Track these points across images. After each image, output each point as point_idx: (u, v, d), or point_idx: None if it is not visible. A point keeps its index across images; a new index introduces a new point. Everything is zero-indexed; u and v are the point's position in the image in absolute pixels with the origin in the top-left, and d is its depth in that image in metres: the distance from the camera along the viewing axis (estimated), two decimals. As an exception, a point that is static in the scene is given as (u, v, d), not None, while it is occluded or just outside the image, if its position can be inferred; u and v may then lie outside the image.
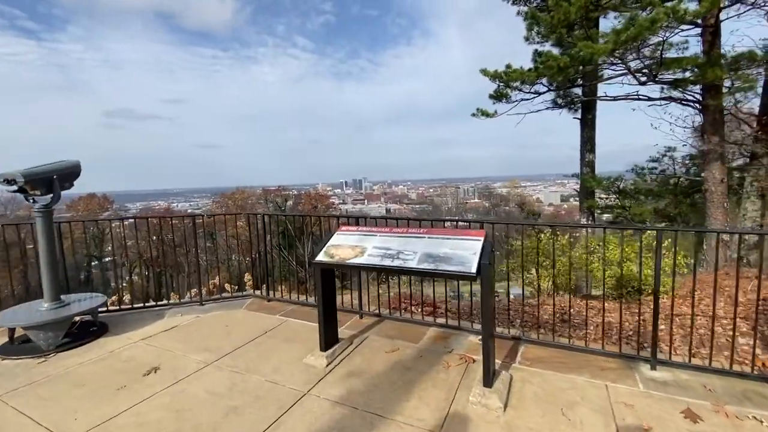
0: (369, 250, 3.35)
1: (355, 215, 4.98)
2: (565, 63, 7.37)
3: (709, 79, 6.87)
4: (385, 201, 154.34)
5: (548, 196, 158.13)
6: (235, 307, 5.11)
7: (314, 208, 68.13)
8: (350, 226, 3.83)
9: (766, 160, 8.87)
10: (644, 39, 6.82)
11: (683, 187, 11.08)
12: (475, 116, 10.61)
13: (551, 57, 7.81)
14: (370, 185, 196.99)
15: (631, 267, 6.80)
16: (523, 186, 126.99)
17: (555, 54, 7.93)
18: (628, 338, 4.21)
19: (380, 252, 3.28)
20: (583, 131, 12.04)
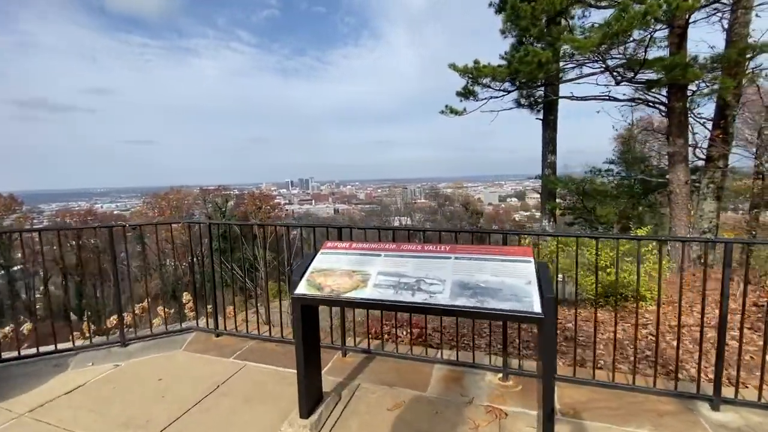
0: (374, 277, 2.39)
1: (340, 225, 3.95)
2: (547, 58, 6.93)
3: (689, 79, 6.77)
4: (333, 201, 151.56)
5: (488, 196, 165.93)
6: (173, 346, 3.86)
7: (258, 209, 64.79)
8: (339, 242, 2.84)
9: (722, 162, 9.17)
10: (630, 34, 6.56)
11: (639, 189, 11.39)
12: (444, 113, 9.99)
13: (533, 51, 7.34)
14: (318, 185, 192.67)
15: (622, 274, 6.43)
16: (465, 186, 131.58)
17: (536, 48, 7.50)
18: (665, 365, 3.67)
19: (391, 281, 2.34)
20: (545, 132, 11.94)
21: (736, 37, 8.04)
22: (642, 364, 4.22)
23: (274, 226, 4.41)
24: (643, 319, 5.57)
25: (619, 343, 4.93)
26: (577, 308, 3.69)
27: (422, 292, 2.22)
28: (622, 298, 6.49)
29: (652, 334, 4.96)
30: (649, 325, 5.30)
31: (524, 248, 2.42)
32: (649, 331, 5.07)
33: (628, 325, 5.35)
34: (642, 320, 5.66)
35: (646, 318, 5.65)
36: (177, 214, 59.30)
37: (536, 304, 2.02)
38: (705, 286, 2.88)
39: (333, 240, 3.23)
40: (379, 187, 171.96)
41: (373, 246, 2.70)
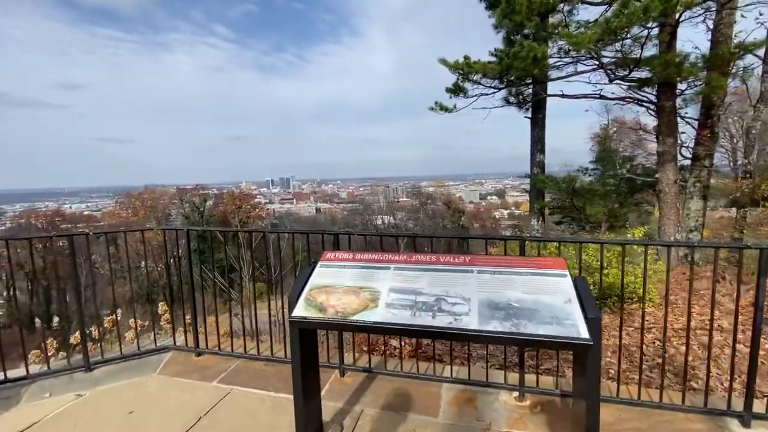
0: (385, 295, 2.06)
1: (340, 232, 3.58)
2: (543, 53, 6.73)
3: (684, 77, 6.70)
4: (314, 200, 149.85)
5: (469, 195, 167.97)
6: (146, 369, 3.42)
7: (238, 209, 63.40)
8: (340, 252, 2.48)
9: (708, 161, 9.23)
10: (629, 30, 6.43)
11: (625, 188, 11.43)
12: (433, 110, 9.72)
13: (528, 47, 7.13)
14: (299, 184, 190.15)
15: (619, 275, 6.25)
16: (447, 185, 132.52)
17: (532, 44, 7.30)
18: (677, 374, 3.47)
19: (406, 299, 2.01)
20: (534, 131, 11.84)
21: (722, 37, 8.06)
22: (654, 373, 4.04)
23: (262, 232, 3.98)
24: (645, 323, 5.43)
25: (625, 349, 4.76)
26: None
27: (445, 314, 1.89)
28: (618, 300, 6.34)
29: (658, 340, 4.80)
30: (652, 328, 5.15)
31: (556, 259, 2.13)
32: (655, 336, 4.91)
33: (632, 329, 5.19)
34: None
35: (647, 321, 5.51)
36: (152, 215, 57.35)
37: (582, 327, 1.73)
38: (714, 290, 2.67)
39: (322, 247, 2.87)
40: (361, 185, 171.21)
41: (380, 257, 2.36)
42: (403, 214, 78.75)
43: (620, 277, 6.24)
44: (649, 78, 7.43)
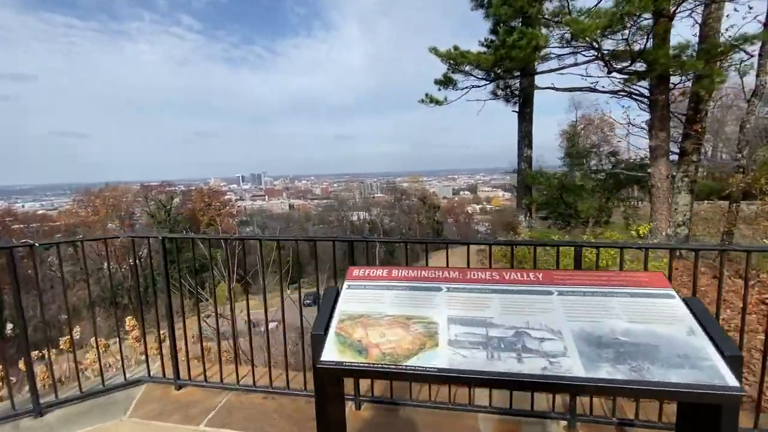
0: (444, 328, 1.56)
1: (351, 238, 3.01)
2: (545, 41, 6.39)
3: (686, 70, 6.53)
4: (287, 197, 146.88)
5: (442, 190, 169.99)
6: (113, 411, 2.77)
7: (208, 206, 61.20)
8: (369, 268, 1.96)
9: (695, 156, 9.25)
10: (639, 17, 6.17)
11: (611, 184, 11.44)
12: (424, 103, 9.28)
13: (530, 34, 6.77)
14: (271, 180, 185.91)
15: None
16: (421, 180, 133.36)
17: (535, 31, 6.94)
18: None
19: (475, 335, 1.52)
20: (521, 125, 11.63)
21: (711, 31, 8.01)
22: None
23: (258, 240, 3.43)
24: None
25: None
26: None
27: (533, 355, 1.42)
28: None
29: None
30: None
31: (653, 273, 1.70)
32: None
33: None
34: None
35: None
36: (115, 214, 54.26)
37: (725, 370, 1.30)
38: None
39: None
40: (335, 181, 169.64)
41: (424, 273, 1.86)
42: (379, 210, 78.56)
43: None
44: (647, 70, 7.25)
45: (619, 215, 13.23)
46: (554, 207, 11.79)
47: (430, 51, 8.81)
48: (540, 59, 8.16)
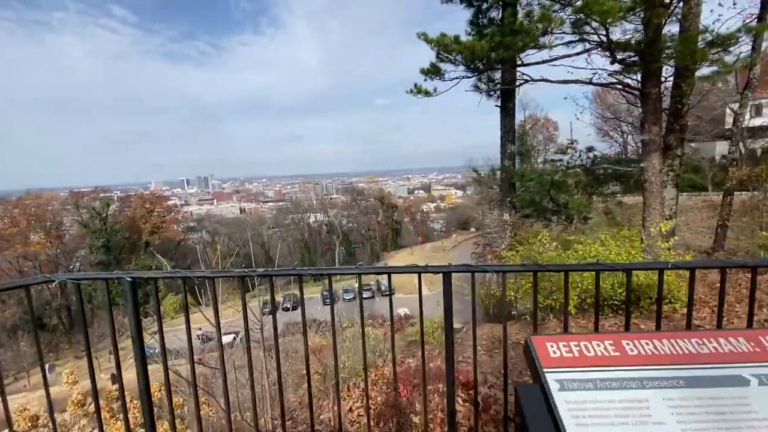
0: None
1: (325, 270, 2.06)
2: (560, 23, 5.87)
3: (695, 60, 6.32)
4: (238, 200, 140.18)
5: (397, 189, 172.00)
6: None
7: (149, 213, 56.33)
8: (569, 338, 1.13)
9: (680, 150, 9.30)
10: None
11: (592, 179, 11.41)
12: (412, 94, 8.54)
13: (543, 15, 6.22)
14: (219, 183, 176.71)
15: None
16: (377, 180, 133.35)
17: (546, 12, 6.40)
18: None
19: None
20: (504, 120, 11.28)
21: (693, 25, 8.03)
22: None
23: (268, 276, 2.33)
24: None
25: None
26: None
27: None
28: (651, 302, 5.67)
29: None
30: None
31: None
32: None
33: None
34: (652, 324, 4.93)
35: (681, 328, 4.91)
36: (38, 224, 48.16)
37: None
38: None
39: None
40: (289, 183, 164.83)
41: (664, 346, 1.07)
42: (336, 211, 77.04)
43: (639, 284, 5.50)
44: (652, 60, 7.01)
45: (599, 212, 13.40)
46: (537, 205, 11.65)
47: (418, 36, 8.12)
48: (547, 45, 7.73)
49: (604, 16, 5.84)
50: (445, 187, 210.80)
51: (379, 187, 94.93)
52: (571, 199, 10.81)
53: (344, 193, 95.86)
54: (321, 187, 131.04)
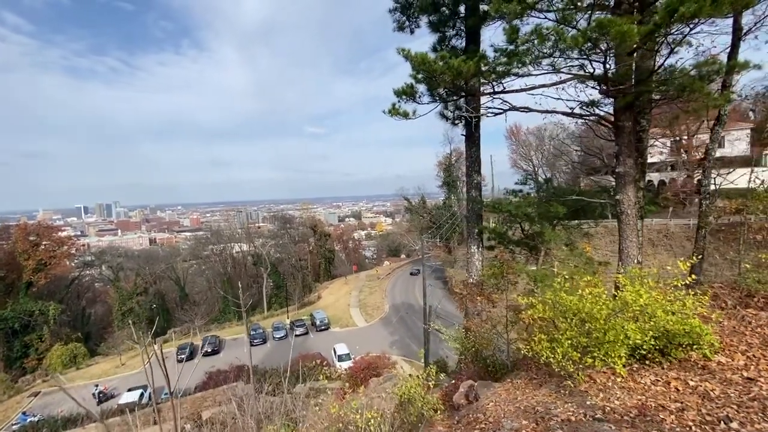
0: None
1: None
2: (577, 43, 5.37)
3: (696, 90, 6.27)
4: (147, 230, 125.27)
5: (328, 217, 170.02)
6: None
7: (34, 247, 47.21)
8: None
9: (642, 182, 9.53)
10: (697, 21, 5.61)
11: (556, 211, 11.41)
12: (391, 115, 7.65)
13: (557, 32, 5.71)
14: (125, 211, 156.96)
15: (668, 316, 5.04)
16: (308, 208, 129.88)
17: (559, 28, 5.92)
18: None
19: None
20: (470, 150, 10.90)
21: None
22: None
23: None
24: (712, 384, 4.28)
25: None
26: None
27: None
28: (680, 348, 5.11)
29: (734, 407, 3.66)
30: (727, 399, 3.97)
31: None
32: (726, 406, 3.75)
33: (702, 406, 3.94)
34: (708, 385, 4.38)
35: (710, 379, 4.38)
36: None
37: None
38: None
39: None
40: (209, 210, 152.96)
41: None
42: (263, 240, 72.22)
43: (673, 322, 4.92)
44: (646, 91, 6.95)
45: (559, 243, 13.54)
46: (503, 236, 11.33)
47: (398, 52, 7.34)
48: (513, 76, 7.36)
49: (621, 39, 5.58)
50: (375, 215, 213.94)
51: (311, 215, 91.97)
52: (546, 231, 10.64)
53: (272, 220, 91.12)
54: (245, 214, 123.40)
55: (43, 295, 45.02)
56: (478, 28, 9.89)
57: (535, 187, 12.00)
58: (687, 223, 33.93)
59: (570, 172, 52.27)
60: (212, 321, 50.72)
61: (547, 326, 5.29)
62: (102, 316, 57.51)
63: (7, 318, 38.33)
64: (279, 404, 9.34)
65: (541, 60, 6.95)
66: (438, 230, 52.37)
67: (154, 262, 67.57)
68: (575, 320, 4.75)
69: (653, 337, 4.83)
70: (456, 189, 64.20)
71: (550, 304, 5.01)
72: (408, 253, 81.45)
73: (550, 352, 4.64)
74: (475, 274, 10.43)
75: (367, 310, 44.99)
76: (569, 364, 4.61)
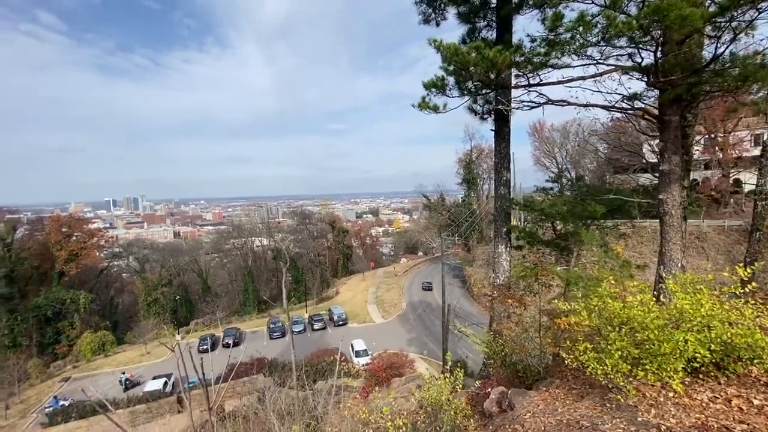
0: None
1: None
2: (629, 28, 4.96)
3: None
4: (172, 223, 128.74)
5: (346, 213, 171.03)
6: None
7: (67, 238, 49.07)
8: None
9: (686, 181, 8.95)
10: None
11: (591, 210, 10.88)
12: (420, 109, 7.35)
13: (608, 17, 5.32)
14: (151, 204, 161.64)
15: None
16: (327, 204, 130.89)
17: (609, 13, 5.53)
18: None
19: None
20: (499, 145, 10.50)
21: None
22: None
23: None
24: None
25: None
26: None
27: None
28: (742, 362, 4.67)
29: None
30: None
31: None
32: None
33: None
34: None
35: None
36: None
37: None
38: None
39: None
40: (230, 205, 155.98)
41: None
42: (283, 235, 73.00)
43: (735, 334, 4.47)
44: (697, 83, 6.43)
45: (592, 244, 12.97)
46: (533, 236, 10.92)
47: (429, 43, 7.03)
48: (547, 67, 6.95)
49: (681, 24, 5.14)
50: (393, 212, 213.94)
51: (329, 211, 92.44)
52: (581, 231, 10.15)
53: (292, 216, 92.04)
54: (266, 209, 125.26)
55: (74, 284, 46.81)
56: (510, 18, 9.48)
57: (560, 185, 11.47)
58: (722, 224, 32.22)
59: (596, 170, 50.54)
60: (233, 313, 51.72)
61: (592, 334, 4.95)
62: (128, 305, 59.41)
63: (41, 305, 40.06)
64: (301, 400, 9.28)
65: (585, 49, 6.53)
66: (457, 228, 51.73)
67: (178, 254, 69.32)
68: (625, 329, 4.40)
69: (710, 349, 4.44)
70: (476, 186, 63.13)
71: (595, 311, 4.67)
72: (425, 250, 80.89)
73: (597, 363, 4.31)
74: (502, 274, 10.06)
75: (384, 306, 44.89)
76: (618, 377, 4.27)
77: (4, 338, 37.55)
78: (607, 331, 4.54)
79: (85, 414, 22.58)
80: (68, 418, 22.56)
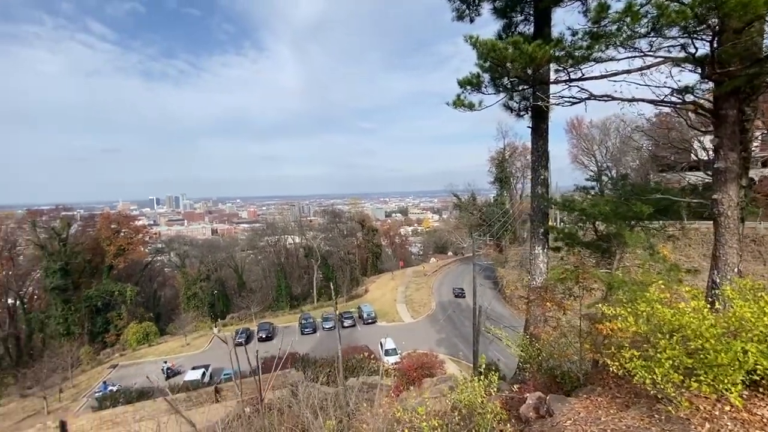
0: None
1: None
2: (688, 13, 4.67)
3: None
4: (210, 221, 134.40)
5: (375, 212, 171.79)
6: None
7: (116, 233, 52.25)
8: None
9: (744, 180, 8.32)
10: None
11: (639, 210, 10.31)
12: (455, 107, 7.25)
13: (659, 6, 5.06)
14: (191, 203, 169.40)
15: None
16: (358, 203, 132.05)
17: (660, 2, 5.27)
18: None
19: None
20: (537, 143, 10.19)
21: None
22: None
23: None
24: None
25: None
26: None
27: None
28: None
29: None
30: None
31: None
32: None
33: None
34: None
35: None
36: (-14, 244, 43.76)
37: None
38: None
39: None
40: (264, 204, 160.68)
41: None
42: (314, 234, 74.38)
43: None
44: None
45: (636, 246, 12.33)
46: (573, 237, 10.48)
47: (465, 40, 6.92)
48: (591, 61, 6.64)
49: (742, 11, 4.78)
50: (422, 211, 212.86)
51: (359, 209, 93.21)
52: (625, 232, 9.66)
53: (323, 215, 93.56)
54: (298, 208, 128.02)
55: (121, 277, 49.86)
56: (549, 11, 9.15)
57: (600, 184, 10.91)
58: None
59: (638, 168, 47.92)
60: (267, 308, 53.25)
61: (638, 341, 4.70)
62: (170, 298, 62.51)
63: (92, 297, 43.00)
64: (333, 396, 9.41)
65: (633, 41, 6.17)
66: (489, 228, 50.67)
67: (216, 251, 72.12)
68: (676, 337, 4.14)
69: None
70: (509, 185, 61.48)
71: (643, 317, 4.43)
72: (455, 250, 79.82)
73: (646, 371, 4.09)
74: (539, 276, 9.73)
75: (414, 306, 44.71)
76: (669, 387, 4.03)
77: (59, 327, 40.67)
78: (657, 339, 4.29)
79: (131, 399, 23.98)
80: (116, 402, 24.04)
